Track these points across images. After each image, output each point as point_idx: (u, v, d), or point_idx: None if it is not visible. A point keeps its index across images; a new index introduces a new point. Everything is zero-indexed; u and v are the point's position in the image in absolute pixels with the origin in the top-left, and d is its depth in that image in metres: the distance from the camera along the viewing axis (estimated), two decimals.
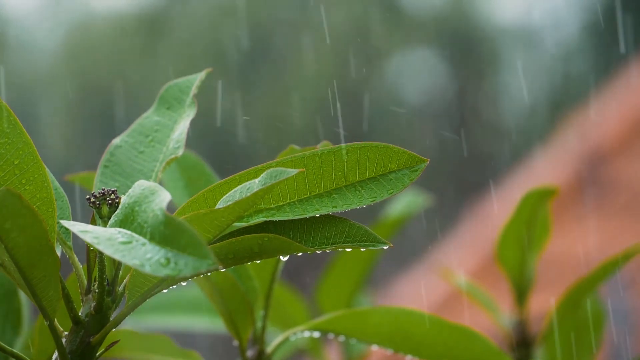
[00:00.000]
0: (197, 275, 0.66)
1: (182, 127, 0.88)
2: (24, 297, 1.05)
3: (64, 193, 0.85)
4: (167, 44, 6.12)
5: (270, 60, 5.90)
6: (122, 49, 6.14)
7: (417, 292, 3.27)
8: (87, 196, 0.80)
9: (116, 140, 0.90)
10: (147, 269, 0.64)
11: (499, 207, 3.23)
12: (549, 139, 3.72)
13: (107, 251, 0.66)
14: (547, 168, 3.33)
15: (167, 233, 0.66)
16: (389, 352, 0.99)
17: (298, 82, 5.95)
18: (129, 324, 1.27)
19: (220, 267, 0.63)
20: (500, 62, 6.22)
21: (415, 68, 6.22)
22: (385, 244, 0.79)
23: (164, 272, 0.64)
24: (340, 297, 1.59)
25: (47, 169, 0.81)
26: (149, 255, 0.66)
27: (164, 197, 0.69)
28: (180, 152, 0.86)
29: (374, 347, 1.00)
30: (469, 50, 6.08)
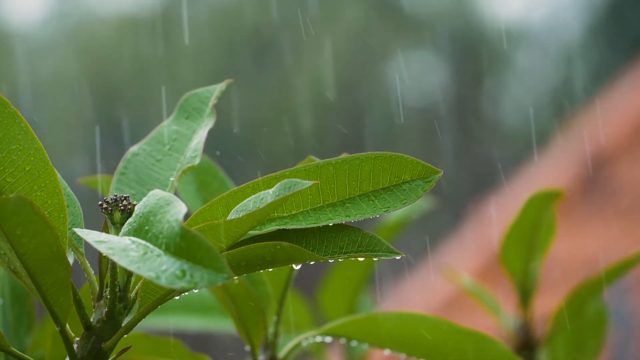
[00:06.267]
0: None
1: (200, 136, 0.87)
2: (36, 300, 1.05)
3: (76, 199, 0.85)
4: (170, 45, 6.12)
5: (271, 61, 5.89)
6: (126, 52, 6.14)
7: (419, 294, 3.27)
8: (100, 202, 0.80)
9: (134, 148, 0.90)
10: (163, 282, 0.64)
11: (503, 209, 3.23)
12: (552, 141, 3.72)
13: (122, 262, 0.66)
14: (550, 170, 3.33)
15: (182, 245, 0.66)
16: (402, 356, 0.99)
17: (299, 83, 5.95)
18: (140, 327, 1.27)
19: (235, 279, 0.63)
20: (504, 64, 6.22)
21: (417, 69, 6.21)
22: (397, 254, 0.79)
23: (179, 284, 0.64)
24: (343, 299, 1.58)
25: (58, 175, 0.81)
26: (164, 267, 0.65)
27: (180, 208, 0.69)
28: (197, 161, 0.85)
29: (387, 352, 0.99)
30: (471, 52, 6.08)
